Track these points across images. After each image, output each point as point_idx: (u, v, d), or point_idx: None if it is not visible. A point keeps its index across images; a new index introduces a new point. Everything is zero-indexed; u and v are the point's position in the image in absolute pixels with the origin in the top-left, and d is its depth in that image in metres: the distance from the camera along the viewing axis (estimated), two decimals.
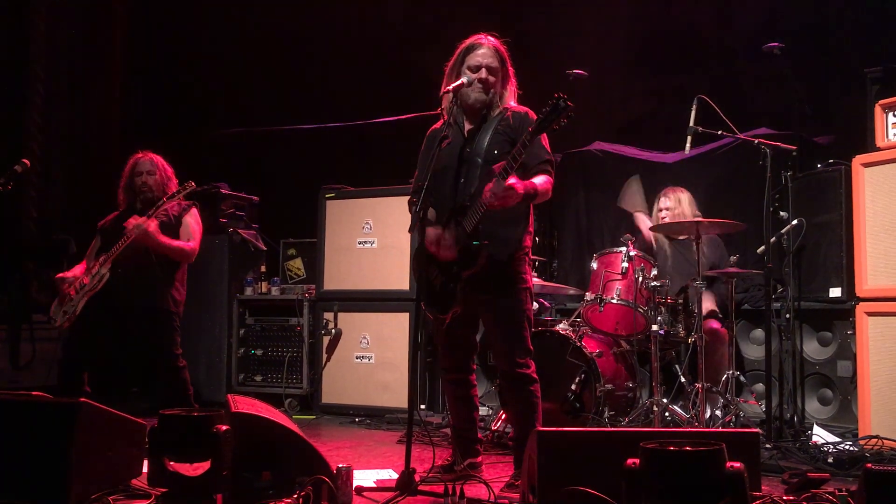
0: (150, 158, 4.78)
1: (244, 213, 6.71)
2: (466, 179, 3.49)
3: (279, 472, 2.96)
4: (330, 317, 5.96)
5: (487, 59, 3.50)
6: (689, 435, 2.70)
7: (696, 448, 2.16)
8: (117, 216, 4.79)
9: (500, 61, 3.54)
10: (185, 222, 4.77)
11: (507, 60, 3.57)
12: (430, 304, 3.56)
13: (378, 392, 5.77)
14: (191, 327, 6.36)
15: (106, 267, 4.53)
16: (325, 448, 3.70)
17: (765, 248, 4.63)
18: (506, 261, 3.47)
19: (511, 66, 3.59)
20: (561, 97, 3.10)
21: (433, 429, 4.93)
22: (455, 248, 3.41)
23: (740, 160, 5.75)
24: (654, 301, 4.56)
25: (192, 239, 4.75)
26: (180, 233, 4.73)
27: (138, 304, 4.57)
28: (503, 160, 3.26)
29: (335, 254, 6.11)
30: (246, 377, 6.32)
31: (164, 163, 4.81)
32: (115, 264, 4.53)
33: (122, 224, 4.59)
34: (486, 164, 3.42)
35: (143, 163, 4.76)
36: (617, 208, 5.97)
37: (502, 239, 3.46)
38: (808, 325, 5.30)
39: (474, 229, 3.36)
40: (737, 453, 2.20)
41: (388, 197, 5.94)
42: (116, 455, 3.01)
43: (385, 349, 5.81)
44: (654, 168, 6.21)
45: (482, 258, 3.36)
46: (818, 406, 5.26)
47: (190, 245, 4.71)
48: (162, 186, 4.71)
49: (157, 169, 4.75)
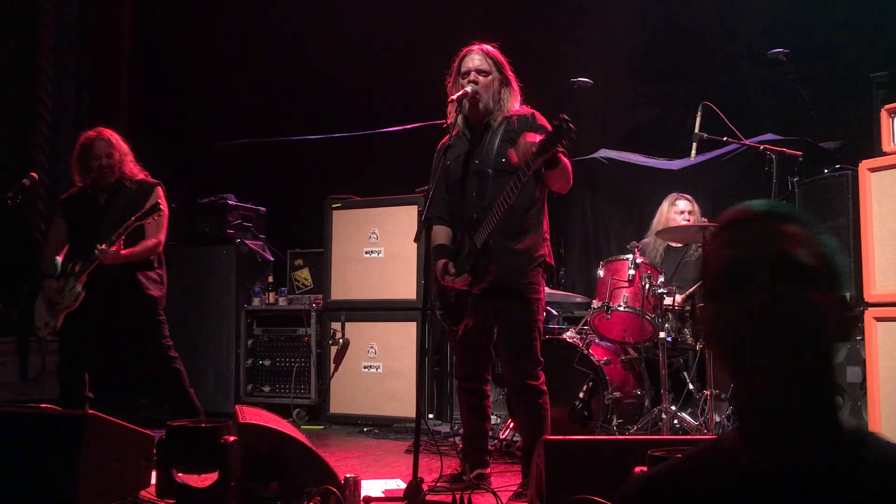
0: (106, 139, 4.51)
1: (251, 223, 6.73)
2: (478, 192, 3.48)
3: (287, 483, 2.97)
4: (337, 326, 5.96)
5: (476, 63, 3.49)
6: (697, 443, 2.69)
7: None
8: (80, 196, 4.60)
9: (494, 65, 3.52)
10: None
11: (505, 65, 3.55)
12: (444, 315, 3.58)
13: (386, 401, 5.77)
14: (199, 338, 6.43)
15: (80, 283, 4.39)
16: (333, 458, 3.70)
17: None
18: (517, 273, 3.46)
19: (511, 71, 3.57)
20: (564, 119, 3.10)
21: (441, 438, 4.92)
22: (461, 281, 3.42)
23: (746, 166, 5.74)
24: (662, 308, 4.55)
25: (160, 229, 4.51)
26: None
27: (117, 297, 4.45)
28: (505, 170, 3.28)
29: (342, 263, 6.12)
30: (254, 388, 6.32)
31: (119, 140, 4.58)
32: (89, 277, 4.39)
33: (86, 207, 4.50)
34: (497, 174, 3.43)
35: (100, 144, 4.49)
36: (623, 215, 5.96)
37: (513, 252, 3.44)
38: None
39: (485, 244, 3.36)
40: None
41: (395, 206, 5.95)
42: (125, 467, 3.01)
43: (393, 358, 5.81)
44: (659, 175, 6.21)
45: (491, 275, 3.36)
46: None
47: (154, 241, 4.48)
48: (121, 166, 4.52)
49: (115, 150, 4.52)
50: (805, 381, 1.08)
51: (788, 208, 1.16)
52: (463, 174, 3.54)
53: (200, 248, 6.53)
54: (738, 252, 1.11)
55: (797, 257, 1.09)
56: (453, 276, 3.42)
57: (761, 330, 1.06)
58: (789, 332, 1.06)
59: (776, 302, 1.07)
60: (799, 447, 1.09)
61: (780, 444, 1.09)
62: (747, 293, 1.08)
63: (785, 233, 1.10)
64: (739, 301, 1.08)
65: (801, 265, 1.08)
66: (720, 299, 1.12)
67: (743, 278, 1.09)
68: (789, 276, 1.08)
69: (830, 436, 1.10)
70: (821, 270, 1.10)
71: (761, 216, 1.13)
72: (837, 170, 5.01)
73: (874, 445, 1.11)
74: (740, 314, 1.08)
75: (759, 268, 1.08)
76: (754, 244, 1.10)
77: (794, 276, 1.08)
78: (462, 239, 3.48)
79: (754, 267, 1.09)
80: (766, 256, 1.09)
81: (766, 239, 1.10)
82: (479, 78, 3.47)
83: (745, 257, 1.10)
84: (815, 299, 1.08)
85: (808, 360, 1.07)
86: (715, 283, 1.13)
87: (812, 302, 1.07)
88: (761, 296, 1.07)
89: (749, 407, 1.14)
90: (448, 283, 3.46)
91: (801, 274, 1.08)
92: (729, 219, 1.16)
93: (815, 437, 1.09)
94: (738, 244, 1.11)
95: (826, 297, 1.09)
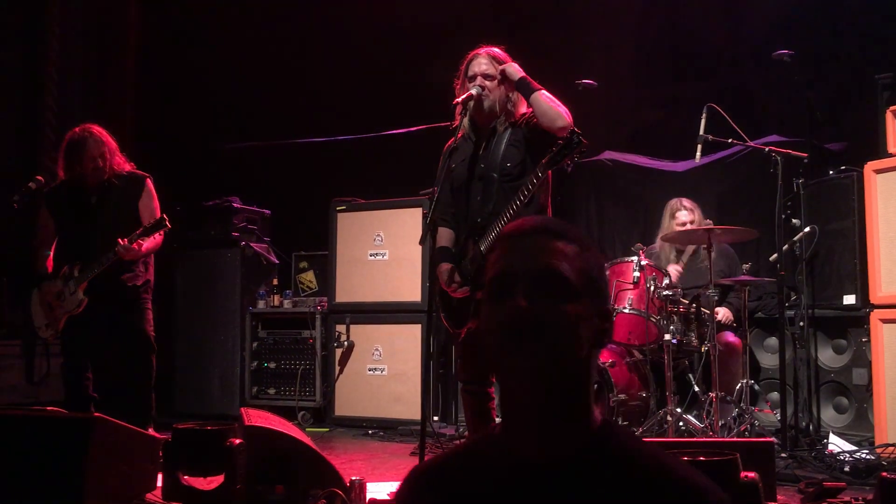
0: (97, 138, 4.46)
1: (256, 226, 6.74)
2: (483, 196, 3.48)
3: (292, 486, 2.97)
4: (342, 329, 5.97)
5: (482, 67, 3.48)
6: (703, 444, 2.69)
7: (710, 458, 2.15)
8: (67, 192, 4.55)
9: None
10: (144, 205, 4.54)
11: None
12: (446, 317, 3.58)
13: (391, 404, 5.77)
14: (204, 341, 6.44)
15: (81, 289, 4.38)
16: (338, 461, 3.70)
17: (777, 255, 4.62)
18: None
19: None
20: (575, 132, 3.10)
21: (446, 440, 4.92)
22: (462, 292, 3.43)
23: (751, 168, 5.72)
24: (667, 310, 4.54)
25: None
26: (140, 208, 4.52)
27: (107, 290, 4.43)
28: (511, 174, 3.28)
29: (347, 266, 6.12)
30: (259, 390, 6.33)
31: (107, 136, 4.52)
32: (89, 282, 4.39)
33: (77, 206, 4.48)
34: (502, 179, 3.43)
35: (92, 144, 4.44)
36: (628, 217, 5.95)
37: None
38: (822, 332, 5.27)
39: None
40: (752, 463, 2.19)
41: (399, 209, 5.96)
42: (131, 469, 3.02)
43: (397, 361, 5.81)
44: (664, 177, 6.20)
45: None
46: (834, 414, 5.22)
47: (157, 240, 4.47)
48: (111, 164, 4.49)
49: (106, 148, 4.48)
50: (555, 382, 1.20)
51: (563, 226, 1.28)
52: (468, 178, 3.53)
53: (205, 250, 6.54)
54: (505, 265, 1.24)
55: (560, 272, 1.21)
56: (458, 285, 3.43)
57: (515, 335, 1.19)
58: (542, 338, 1.18)
59: (532, 311, 1.19)
60: (546, 442, 1.21)
61: (527, 439, 1.22)
62: (508, 302, 1.21)
63: (553, 248, 1.23)
64: (501, 308, 1.22)
65: (562, 279, 1.21)
66: (489, 305, 1.25)
67: (506, 289, 1.22)
68: (549, 288, 1.20)
69: (578, 432, 1.22)
70: (582, 284, 1.23)
71: (534, 231, 1.26)
72: (843, 171, 5.00)
73: (621, 441, 1.23)
74: (500, 320, 1.21)
75: (521, 280, 1.21)
76: (522, 257, 1.23)
77: (554, 289, 1.21)
78: (466, 243, 3.48)
79: (518, 279, 1.21)
80: (530, 270, 1.22)
81: (535, 253, 1.23)
82: (486, 82, 3.47)
83: (511, 270, 1.23)
84: (571, 310, 1.20)
85: (559, 364, 1.19)
86: (486, 291, 1.26)
87: (568, 313, 1.20)
88: (519, 305, 1.19)
89: (504, 403, 1.28)
90: (453, 292, 3.46)
91: (562, 287, 1.21)
92: (505, 232, 1.29)
93: (563, 433, 1.21)
94: (507, 257, 1.25)
95: (584, 308, 1.22)
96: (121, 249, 4.25)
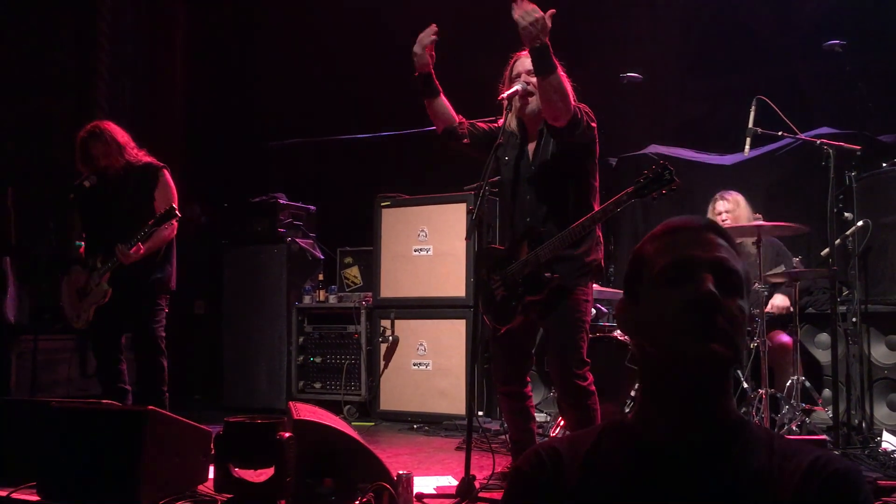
0: (99, 139, 4.50)
1: (302, 222, 6.82)
2: (530, 197, 3.45)
3: (341, 479, 3.00)
4: (387, 324, 6.01)
5: (527, 66, 3.42)
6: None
7: None
8: (89, 186, 4.58)
9: None
10: (160, 195, 4.56)
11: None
12: (487, 311, 3.55)
13: (436, 399, 5.79)
14: (251, 336, 6.53)
15: (105, 281, 4.44)
16: (384, 455, 3.72)
17: (829, 250, 4.53)
18: (568, 276, 3.40)
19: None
20: (667, 168, 3.05)
21: (492, 435, 4.92)
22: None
23: (802, 161, 5.62)
24: None
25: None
26: (156, 199, 4.53)
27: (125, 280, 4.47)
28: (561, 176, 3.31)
29: (391, 261, 6.16)
30: (305, 384, 6.40)
31: (114, 133, 4.55)
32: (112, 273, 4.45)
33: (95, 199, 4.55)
34: (546, 182, 3.41)
35: (94, 145, 4.50)
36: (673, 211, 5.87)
37: (570, 257, 3.38)
38: (875, 328, 5.16)
39: (549, 261, 3.34)
40: None
41: (443, 204, 5.97)
42: (183, 461, 3.07)
43: (442, 356, 5.83)
44: (711, 170, 6.12)
45: (551, 285, 3.35)
46: (887, 412, 5.11)
47: (169, 232, 4.51)
48: (120, 158, 4.52)
49: (111, 146, 4.51)
50: (728, 371, 1.24)
51: (723, 228, 1.32)
52: (514, 176, 3.52)
53: (252, 246, 6.63)
54: (684, 253, 1.25)
55: (737, 268, 1.25)
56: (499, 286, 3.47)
57: (707, 317, 1.19)
58: (729, 325, 1.20)
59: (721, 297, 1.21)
60: (688, 429, 1.22)
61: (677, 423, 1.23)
62: (689, 286, 1.22)
63: (724, 246, 1.27)
64: (682, 292, 1.22)
65: (738, 275, 1.25)
66: (663, 289, 1.24)
67: (688, 274, 1.23)
68: (727, 281, 1.23)
69: (719, 420, 1.23)
70: (743, 280, 1.26)
71: (705, 227, 1.29)
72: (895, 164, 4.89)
73: (754, 428, 1.26)
74: (687, 299, 1.21)
75: (704, 268, 1.23)
76: (702, 248, 1.25)
77: (731, 282, 1.24)
78: (519, 243, 3.46)
79: (700, 267, 1.23)
80: (712, 260, 1.24)
81: (712, 247, 1.26)
82: (531, 78, 3.43)
83: (692, 257, 1.24)
84: (738, 302, 1.24)
85: (738, 353, 1.22)
86: (658, 277, 1.25)
87: (738, 303, 1.23)
88: (707, 289, 1.20)
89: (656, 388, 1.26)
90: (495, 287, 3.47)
91: (738, 282, 1.25)
92: (674, 225, 1.31)
93: (707, 420, 1.22)
94: (683, 247, 1.26)
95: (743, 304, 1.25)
96: (119, 255, 4.33)
